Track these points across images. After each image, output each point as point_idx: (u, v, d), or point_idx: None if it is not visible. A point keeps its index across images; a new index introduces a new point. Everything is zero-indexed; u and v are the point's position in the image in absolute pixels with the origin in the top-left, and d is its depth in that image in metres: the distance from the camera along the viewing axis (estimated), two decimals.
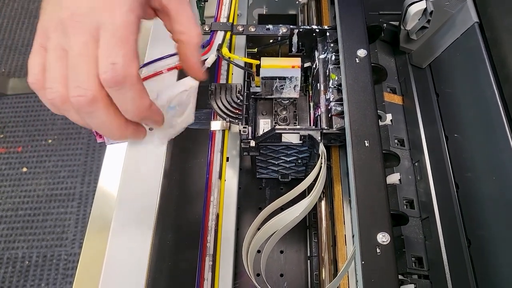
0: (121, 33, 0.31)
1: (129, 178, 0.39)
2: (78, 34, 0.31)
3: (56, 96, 0.32)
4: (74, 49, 0.31)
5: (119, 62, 0.31)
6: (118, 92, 0.32)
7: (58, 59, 0.32)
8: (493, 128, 0.40)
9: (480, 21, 0.45)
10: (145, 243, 0.37)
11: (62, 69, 0.32)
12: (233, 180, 0.48)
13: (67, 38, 0.32)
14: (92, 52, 0.31)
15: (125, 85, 0.31)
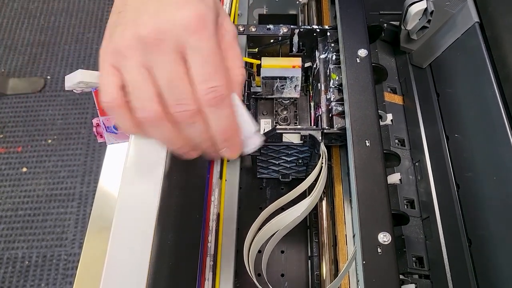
0: (212, 58, 0.32)
1: (130, 178, 0.39)
2: (166, 52, 0.32)
3: (152, 114, 0.33)
4: (166, 67, 0.32)
5: (219, 85, 0.32)
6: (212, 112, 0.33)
7: (145, 78, 0.32)
8: (494, 127, 0.40)
9: (481, 21, 0.45)
10: (146, 243, 0.37)
11: (152, 88, 0.32)
12: (234, 180, 0.48)
13: (150, 56, 0.32)
14: (183, 70, 0.32)
15: (223, 104, 0.33)
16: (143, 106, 0.33)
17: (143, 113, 0.33)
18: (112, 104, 0.34)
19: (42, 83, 1.77)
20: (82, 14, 1.97)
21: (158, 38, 0.32)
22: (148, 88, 0.33)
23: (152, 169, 0.38)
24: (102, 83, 0.34)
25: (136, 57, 0.32)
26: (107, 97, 0.34)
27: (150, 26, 0.32)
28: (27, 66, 1.83)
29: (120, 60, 0.33)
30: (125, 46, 0.32)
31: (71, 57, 1.85)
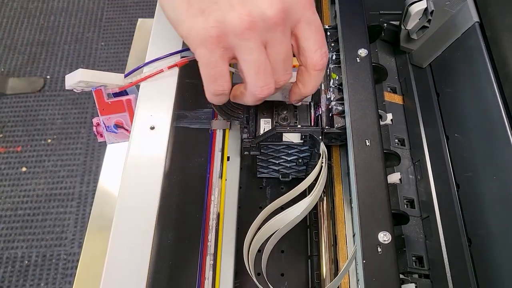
0: (321, 27, 0.36)
1: (130, 177, 0.39)
2: (285, 29, 0.34)
3: (272, 89, 0.36)
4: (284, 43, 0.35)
5: (327, 49, 0.37)
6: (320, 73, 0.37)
7: (266, 57, 0.35)
8: (494, 127, 0.40)
9: (481, 21, 0.45)
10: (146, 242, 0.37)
11: (269, 65, 0.35)
12: (234, 179, 0.48)
13: (271, 34, 0.34)
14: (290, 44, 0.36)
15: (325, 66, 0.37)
16: (268, 84, 0.36)
17: (266, 90, 0.36)
18: (225, 92, 0.37)
19: (41, 83, 1.77)
20: (82, 13, 1.97)
21: (283, 17, 0.33)
22: (268, 67, 0.35)
23: (152, 168, 0.38)
24: (216, 71, 0.35)
25: (258, 37, 0.33)
26: (222, 87, 0.36)
27: (277, 5, 0.33)
28: (27, 66, 1.83)
29: (239, 43, 0.34)
30: (246, 27, 0.33)
31: (70, 57, 1.85)
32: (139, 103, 0.41)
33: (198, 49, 0.34)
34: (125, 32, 1.92)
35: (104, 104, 0.41)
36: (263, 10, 0.32)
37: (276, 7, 0.32)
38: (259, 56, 0.34)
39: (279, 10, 0.33)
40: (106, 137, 0.42)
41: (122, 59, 1.84)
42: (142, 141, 0.39)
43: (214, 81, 0.36)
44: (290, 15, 0.34)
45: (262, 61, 0.34)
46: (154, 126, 0.40)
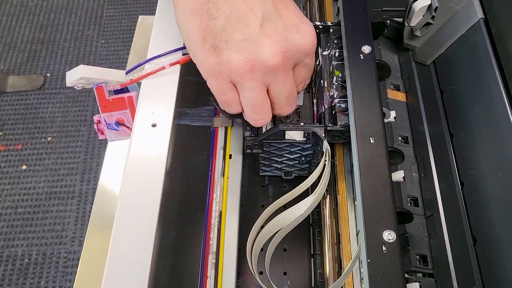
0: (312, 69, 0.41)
1: (132, 175, 0.38)
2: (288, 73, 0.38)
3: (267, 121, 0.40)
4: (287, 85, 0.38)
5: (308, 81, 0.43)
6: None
7: (265, 96, 0.38)
8: (499, 124, 0.40)
9: (486, 17, 0.45)
10: (147, 240, 0.37)
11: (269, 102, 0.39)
12: (236, 177, 0.48)
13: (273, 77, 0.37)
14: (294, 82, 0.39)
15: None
16: (263, 118, 0.40)
17: (261, 123, 0.40)
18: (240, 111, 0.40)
19: (41, 81, 1.77)
20: (82, 11, 1.96)
21: (284, 64, 0.36)
22: (268, 103, 0.39)
23: (153, 166, 0.38)
24: (228, 99, 0.39)
25: (259, 79, 0.37)
26: (235, 110, 0.40)
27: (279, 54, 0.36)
28: (27, 64, 1.82)
29: (241, 81, 0.37)
30: (249, 70, 0.36)
31: (70, 55, 1.85)
32: (141, 100, 0.41)
33: (209, 79, 0.38)
34: (125, 30, 1.91)
35: (105, 101, 0.40)
36: (265, 59, 0.35)
37: (278, 57, 0.36)
38: (258, 95, 0.37)
39: (281, 58, 0.36)
40: (107, 134, 0.41)
41: (123, 57, 1.84)
42: (143, 139, 0.39)
43: (228, 106, 0.40)
44: (292, 61, 0.37)
45: (259, 100, 0.38)
46: (156, 124, 0.40)
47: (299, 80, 0.40)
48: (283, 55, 0.35)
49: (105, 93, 0.40)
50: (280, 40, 0.35)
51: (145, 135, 0.39)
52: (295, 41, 0.36)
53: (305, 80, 0.41)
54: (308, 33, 0.37)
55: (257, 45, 0.35)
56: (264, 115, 0.39)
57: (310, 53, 0.38)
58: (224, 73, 0.36)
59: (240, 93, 0.38)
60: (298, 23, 0.37)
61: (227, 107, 0.40)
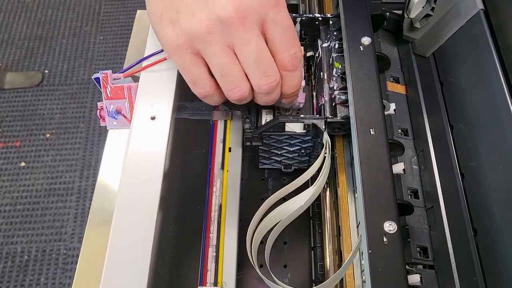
0: (291, 26, 0.35)
1: (131, 168, 0.38)
2: (249, 29, 0.34)
3: (245, 91, 0.36)
4: (251, 44, 0.34)
5: (297, 51, 0.36)
6: (292, 74, 0.37)
7: (232, 59, 0.35)
8: (500, 116, 0.40)
9: (486, 8, 0.44)
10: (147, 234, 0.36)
11: (239, 67, 0.35)
12: (235, 170, 0.47)
13: (234, 35, 0.33)
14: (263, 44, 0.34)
15: (300, 66, 0.37)
16: (237, 86, 0.36)
17: (237, 93, 0.36)
18: (209, 94, 0.37)
19: (39, 77, 1.77)
20: (79, 7, 1.96)
21: (240, 16, 0.33)
22: (238, 68, 0.35)
23: (153, 158, 0.38)
24: (192, 76, 0.36)
25: (219, 40, 0.34)
26: (203, 89, 0.37)
27: (231, 5, 0.33)
28: (25, 60, 1.81)
29: (203, 47, 0.34)
30: (205, 32, 0.33)
31: (68, 51, 1.84)
32: (140, 92, 0.40)
33: (172, 57, 0.37)
34: (123, 26, 1.91)
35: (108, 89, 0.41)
36: (218, 14, 0.33)
37: (231, 7, 0.33)
38: (223, 59, 0.34)
39: (234, 9, 0.33)
40: (107, 121, 0.41)
41: (121, 53, 1.83)
42: (143, 131, 0.39)
43: (194, 84, 0.37)
44: (250, 14, 0.33)
45: (225, 64, 0.35)
46: (155, 116, 0.40)
47: (276, 45, 0.35)
48: (236, 5, 0.32)
49: (109, 80, 0.40)
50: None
51: (145, 128, 0.39)
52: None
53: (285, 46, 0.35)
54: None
55: (209, 3, 0.33)
56: (237, 81, 0.36)
57: (271, 2, 0.34)
58: (183, 45, 0.35)
59: (207, 63, 0.36)
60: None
61: (195, 86, 0.37)
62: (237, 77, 0.35)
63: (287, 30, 0.35)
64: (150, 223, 0.37)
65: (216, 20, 0.33)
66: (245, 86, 0.36)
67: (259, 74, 0.35)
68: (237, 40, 0.34)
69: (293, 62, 0.36)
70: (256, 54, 0.34)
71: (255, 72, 0.35)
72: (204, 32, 0.33)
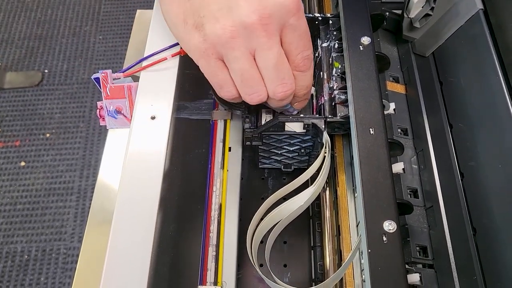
0: (307, 32, 0.37)
1: (131, 167, 0.38)
2: (271, 35, 0.35)
3: (263, 96, 0.37)
4: (272, 50, 0.35)
5: (310, 52, 0.38)
6: (304, 74, 0.38)
7: (252, 65, 0.36)
8: (499, 116, 0.40)
9: (485, 8, 0.44)
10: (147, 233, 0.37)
11: (258, 73, 0.36)
12: (235, 170, 0.47)
13: (256, 41, 0.34)
14: (282, 51, 0.36)
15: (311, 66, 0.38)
16: (256, 92, 0.37)
17: (256, 98, 0.37)
18: (237, 96, 0.38)
19: (39, 77, 1.77)
20: (79, 7, 1.96)
21: (264, 23, 0.34)
22: (257, 74, 0.36)
23: (153, 158, 0.38)
24: (219, 80, 0.37)
25: (242, 45, 0.35)
26: (230, 92, 0.38)
27: (256, 12, 0.34)
28: (24, 60, 1.81)
29: (226, 52, 0.35)
30: (229, 37, 0.34)
31: (68, 51, 1.84)
32: (140, 92, 0.40)
33: (198, 61, 0.37)
34: (123, 25, 1.91)
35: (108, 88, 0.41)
36: (242, 20, 0.34)
37: (256, 14, 0.34)
38: (244, 64, 0.35)
39: (258, 16, 0.34)
40: (107, 121, 0.41)
41: (121, 53, 1.83)
42: (143, 131, 0.39)
43: (220, 88, 0.38)
44: (273, 21, 0.34)
45: (246, 69, 0.36)
46: (155, 116, 0.40)
47: (292, 49, 0.36)
48: (260, 12, 0.34)
49: (109, 80, 0.40)
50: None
51: (145, 127, 0.39)
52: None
53: (300, 49, 0.37)
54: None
55: (233, 9, 0.34)
56: (256, 86, 0.37)
57: (293, 10, 0.35)
58: (209, 50, 0.36)
59: (229, 67, 0.37)
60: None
61: (221, 90, 0.38)
62: (256, 82, 0.36)
63: (304, 35, 0.37)
64: (150, 223, 0.37)
65: (240, 26, 0.34)
66: (263, 92, 0.37)
67: (277, 81, 0.36)
68: (259, 46, 0.35)
69: (305, 63, 0.37)
70: (276, 60, 0.35)
71: (273, 78, 0.36)
72: (228, 38, 0.34)
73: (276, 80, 0.36)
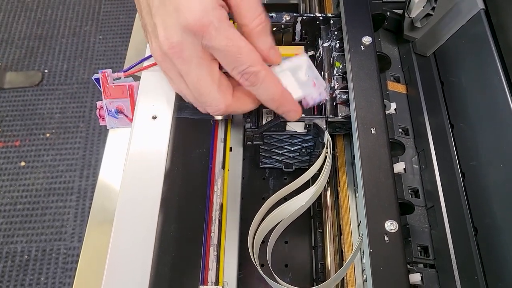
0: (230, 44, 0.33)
1: (132, 169, 0.38)
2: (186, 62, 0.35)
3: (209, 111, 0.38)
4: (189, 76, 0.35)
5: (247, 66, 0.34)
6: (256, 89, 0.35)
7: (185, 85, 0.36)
8: (500, 115, 0.40)
9: (486, 8, 0.44)
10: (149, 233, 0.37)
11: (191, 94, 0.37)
12: (236, 169, 0.47)
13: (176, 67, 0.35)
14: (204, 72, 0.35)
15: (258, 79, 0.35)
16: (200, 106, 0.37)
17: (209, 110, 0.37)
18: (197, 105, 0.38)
19: (39, 77, 1.76)
20: (79, 7, 1.96)
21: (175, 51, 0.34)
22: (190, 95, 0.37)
23: (154, 158, 0.38)
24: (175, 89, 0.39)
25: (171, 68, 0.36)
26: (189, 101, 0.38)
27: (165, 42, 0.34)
28: (24, 60, 1.81)
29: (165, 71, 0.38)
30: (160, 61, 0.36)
31: (68, 51, 1.84)
32: (141, 92, 0.40)
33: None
34: (123, 25, 1.91)
35: (108, 88, 0.40)
36: (159, 44, 0.35)
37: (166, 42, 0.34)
38: (179, 84, 0.37)
39: (169, 44, 0.34)
40: (107, 121, 0.41)
41: (121, 53, 1.83)
42: (144, 130, 0.39)
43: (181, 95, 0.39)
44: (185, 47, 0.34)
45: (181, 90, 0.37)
46: (156, 116, 0.40)
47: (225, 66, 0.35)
48: (169, 41, 0.33)
49: (109, 79, 0.40)
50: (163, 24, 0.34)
51: (146, 127, 0.39)
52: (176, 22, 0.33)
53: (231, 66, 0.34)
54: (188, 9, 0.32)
55: (156, 35, 0.34)
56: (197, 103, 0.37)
57: (198, 31, 0.33)
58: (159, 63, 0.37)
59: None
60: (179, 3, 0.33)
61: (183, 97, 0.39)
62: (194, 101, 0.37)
63: (227, 52, 0.33)
64: (152, 222, 0.37)
65: (161, 51, 0.35)
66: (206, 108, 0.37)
67: (201, 105, 0.37)
68: (180, 70, 0.35)
69: (245, 77, 0.34)
70: (193, 84, 0.35)
71: (199, 101, 0.37)
72: (159, 61, 0.36)
73: (200, 104, 0.37)
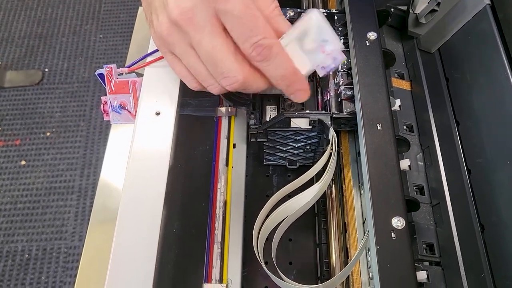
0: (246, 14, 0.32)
1: (135, 166, 0.38)
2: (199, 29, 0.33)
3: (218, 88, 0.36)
4: (202, 44, 0.33)
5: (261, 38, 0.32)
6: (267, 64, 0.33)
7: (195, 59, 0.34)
8: (507, 112, 0.39)
9: (492, 3, 0.44)
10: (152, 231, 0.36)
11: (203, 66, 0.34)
12: (240, 167, 0.47)
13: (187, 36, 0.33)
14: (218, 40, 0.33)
15: (272, 54, 0.33)
16: (211, 84, 0.36)
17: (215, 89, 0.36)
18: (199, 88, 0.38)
19: (40, 76, 1.76)
20: (79, 6, 1.95)
21: (187, 17, 0.32)
22: (203, 68, 0.35)
23: (158, 154, 0.38)
24: (177, 73, 0.38)
25: (180, 41, 0.34)
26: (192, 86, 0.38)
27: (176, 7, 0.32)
28: (25, 59, 1.81)
29: (172, 49, 0.36)
30: (166, 34, 0.34)
31: (69, 50, 1.83)
32: (144, 87, 0.40)
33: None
34: (123, 24, 1.90)
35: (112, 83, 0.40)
36: (170, 14, 0.33)
37: (177, 9, 0.32)
38: (188, 59, 0.35)
39: (179, 11, 0.32)
40: (111, 116, 0.41)
41: (121, 51, 1.83)
42: (147, 126, 0.39)
43: (183, 79, 0.38)
44: (197, 13, 0.32)
45: (191, 65, 0.35)
46: (160, 112, 0.39)
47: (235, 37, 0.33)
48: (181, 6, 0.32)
49: (114, 74, 0.40)
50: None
51: (149, 123, 0.39)
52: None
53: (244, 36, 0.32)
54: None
55: (166, 5, 0.33)
56: (208, 80, 0.35)
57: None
58: (161, 46, 0.36)
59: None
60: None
61: (184, 81, 0.38)
62: (205, 76, 0.35)
63: (242, 19, 0.32)
64: (155, 220, 0.36)
65: (171, 22, 0.33)
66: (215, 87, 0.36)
67: (217, 75, 0.34)
68: (191, 40, 0.33)
69: (258, 51, 0.32)
70: (209, 54, 0.33)
71: (213, 73, 0.34)
72: (166, 35, 0.34)
73: (216, 75, 0.34)
